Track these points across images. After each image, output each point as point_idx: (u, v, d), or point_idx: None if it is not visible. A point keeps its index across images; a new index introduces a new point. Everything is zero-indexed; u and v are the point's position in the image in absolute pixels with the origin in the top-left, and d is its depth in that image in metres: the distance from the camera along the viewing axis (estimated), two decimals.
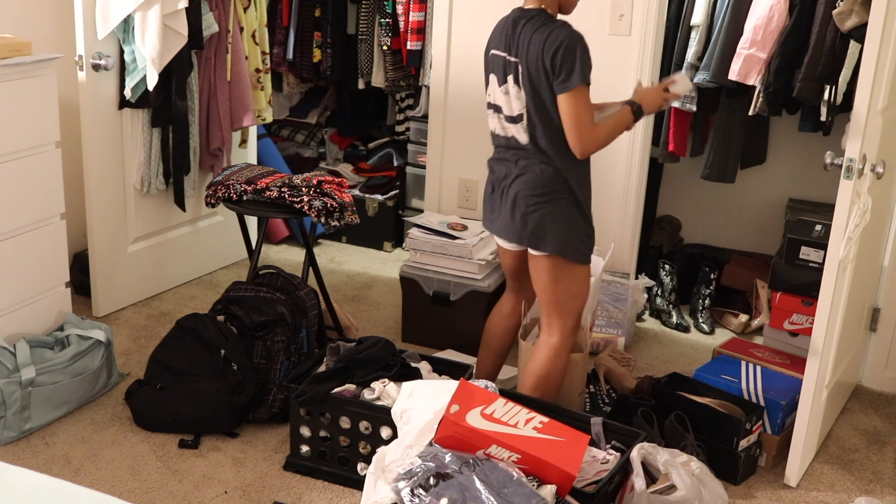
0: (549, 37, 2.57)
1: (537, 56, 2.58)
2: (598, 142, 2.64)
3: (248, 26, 4.02)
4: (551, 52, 2.55)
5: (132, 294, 3.88)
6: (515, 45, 2.66)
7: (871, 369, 3.53)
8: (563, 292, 2.77)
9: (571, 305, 2.80)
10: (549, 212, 2.69)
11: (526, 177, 2.71)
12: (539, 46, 2.58)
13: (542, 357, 2.83)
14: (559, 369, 2.83)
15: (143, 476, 2.75)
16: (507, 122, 2.73)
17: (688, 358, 3.70)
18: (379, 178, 4.79)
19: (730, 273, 4.12)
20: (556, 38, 2.56)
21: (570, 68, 2.54)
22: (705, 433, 2.84)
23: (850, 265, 2.80)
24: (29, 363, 2.88)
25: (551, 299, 2.79)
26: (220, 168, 3.98)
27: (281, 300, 3.07)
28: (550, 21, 2.63)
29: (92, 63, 3.49)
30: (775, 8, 3.51)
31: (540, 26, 2.61)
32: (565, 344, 2.83)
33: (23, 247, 3.07)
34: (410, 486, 2.10)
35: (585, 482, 2.39)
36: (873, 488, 2.90)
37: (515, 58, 2.65)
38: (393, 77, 4.59)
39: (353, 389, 2.78)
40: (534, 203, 2.70)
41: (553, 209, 2.69)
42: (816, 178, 4.13)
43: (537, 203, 2.69)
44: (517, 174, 2.72)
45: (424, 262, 3.61)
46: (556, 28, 2.59)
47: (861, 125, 2.56)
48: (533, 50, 2.60)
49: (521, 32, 2.64)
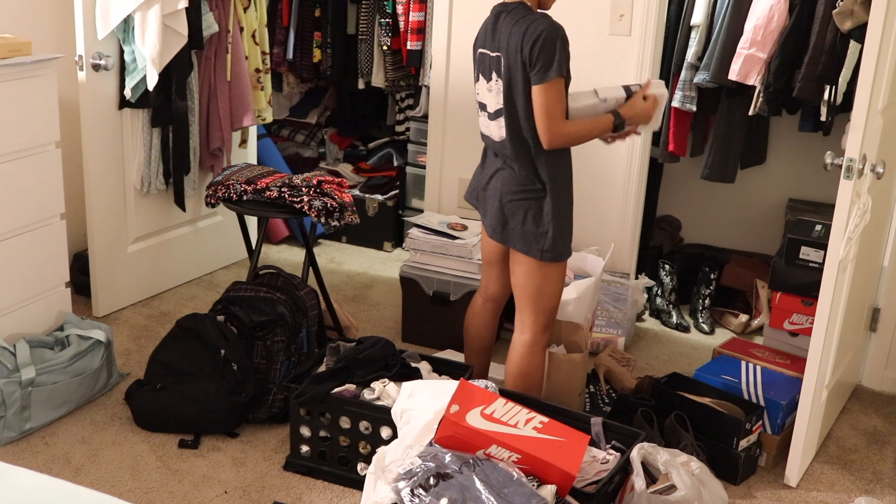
0: (529, 28, 2.56)
1: (516, 48, 2.58)
2: (567, 138, 2.63)
3: (248, 26, 4.02)
4: (530, 43, 2.54)
5: (132, 294, 3.88)
6: (496, 40, 2.66)
7: (871, 369, 3.53)
8: (534, 289, 2.78)
9: (544, 302, 2.80)
10: (523, 211, 2.70)
11: (504, 173, 2.73)
12: (518, 38, 2.57)
13: (515, 356, 2.85)
14: (535, 365, 2.84)
15: (143, 476, 2.75)
16: (490, 119, 2.74)
17: (688, 358, 3.70)
18: (379, 178, 4.79)
19: (730, 273, 4.12)
20: (536, 29, 2.55)
21: (548, 60, 2.53)
22: (705, 433, 2.84)
23: (850, 265, 2.80)
24: (29, 363, 2.88)
25: (524, 294, 2.80)
26: (220, 168, 3.98)
27: (281, 300, 3.07)
28: (530, 13, 2.62)
29: (92, 63, 3.49)
30: (775, 8, 3.51)
31: (520, 19, 2.60)
32: (537, 341, 2.83)
33: (23, 247, 3.07)
34: (410, 486, 2.10)
35: (585, 482, 2.39)
36: (873, 488, 2.90)
37: (497, 52, 2.65)
38: (393, 77, 4.59)
39: (353, 389, 2.78)
40: (509, 201, 2.72)
41: (526, 208, 2.70)
42: (816, 178, 4.13)
43: (512, 202, 2.71)
44: (497, 169, 2.75)
45: (424, 262, 3.61)
46: (536, 20, 2.58)
47: (861, 125, 2.56)
48: (512, 42, 2.59)
49: (502, 26, 2.64)
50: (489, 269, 3.00)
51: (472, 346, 3.10)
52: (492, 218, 2.78)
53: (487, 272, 3.01)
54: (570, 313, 3.24)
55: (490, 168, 2.80)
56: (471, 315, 3.09)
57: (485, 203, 2.83)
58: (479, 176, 2.87)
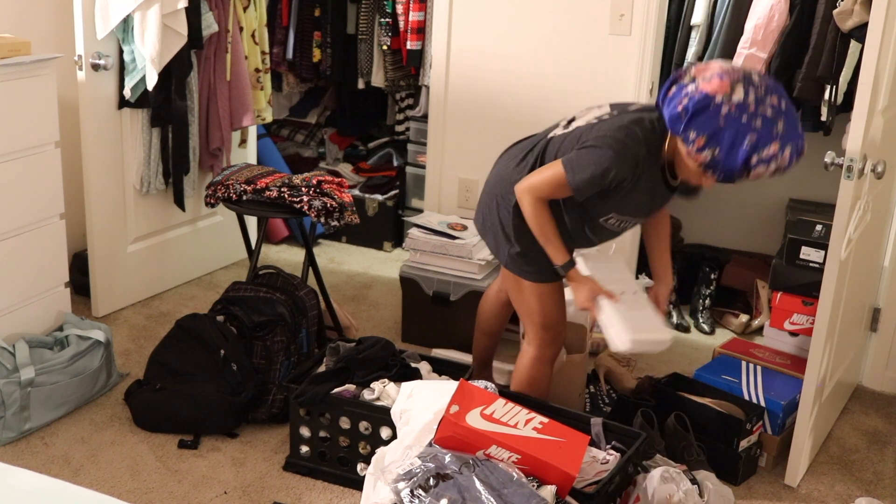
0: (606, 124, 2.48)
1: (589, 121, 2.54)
2: (527, 208, 2.52)
3: (247, 26, 4.02)
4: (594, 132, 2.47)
5: (132, 294, 3.88)
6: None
7: (872, 369, 3.53)
8: (527, 307, 2.75)
9: (540, 319, 2.73)
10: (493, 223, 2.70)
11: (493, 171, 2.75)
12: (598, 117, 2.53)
13: (521, 365, 2.83)
14: (540, 378, 2.81)
15: (142, 476, 2.75)
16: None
17: (688, 358, 3.70)
18: (379, 177, 4.79)
19: (730, 273, 4.12)
20: (605, 131, 2.45)
21: (586, 161, 2.43)
22: (706, 433, 2.84)
23: (850, 265, 2.80)
24: (28, 363, 2.88)
25: (519, 309, 2.80)
26: (219, 168, 3.98)
27: (281, 300, 3.07)
28: (625, 114, 2.50)
29: (91, 63, 3.48)
30: (776, 7, 3.51)
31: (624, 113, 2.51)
32: (541, 356, 2.78)
33: (22, 247, 3.07)
34: (410, 487, 2.10)
35: (585, 482, 2.39)
36: (874, 489, 2.90)
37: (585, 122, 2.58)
38: (393, 77, 4.59)
39: (353, 390, 2.78)
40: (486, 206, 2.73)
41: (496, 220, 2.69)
42: (817, 178, 4.12)
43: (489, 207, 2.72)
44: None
45: (424, 262, 3.60)
46: (621, 127, 2.45)
47: (861, 125, 2.56)
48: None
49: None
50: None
51: (482, 326, 3.13)
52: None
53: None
54: (571, 313, 3.23)
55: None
56: (485, 300, 3.12)
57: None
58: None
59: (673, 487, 2.43)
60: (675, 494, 2.42)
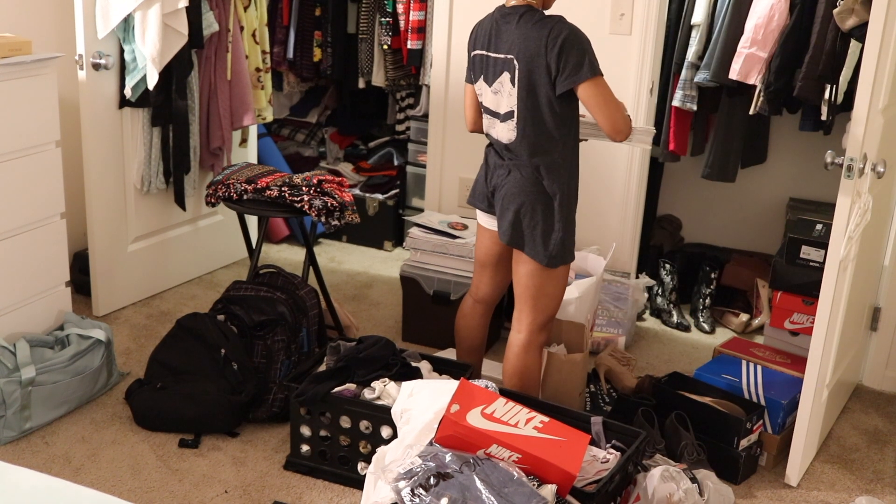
0: (552, 31, 2.56)
1: (537, 51, 2.57)
2: (627, 122, 2.64)
3: (248, 25, 4.02)
4: (557, 46, 2.54)
5: (132, 293, 3.88)
6: (505, 42, 2.65)
7: (872, 369, 3.53)
8: (536, 290, 2.78)
9: (544, 303, 2.81)
10: (532, 214, 2.69)
11: (512, 176, 2.71)
12: (540, 43, 2.56)
13: (511, 355, 2.85)
14: (531, 364, 2.84)
15: (143, 475, 2.75)
16: (501, 121, 2.72)
17: (688, 357, 3.70)
18: (379, 177, 4.79)
19: (730, 272, 4.12)
20: (560, 32, 2.55)
21: (587, 59, 2.55)
22: (706, 433, 2.84)
23: (850, 264, 2.80)
24: (29, 362, 2.88)
25: (525, 293, 2.80)
26: (220, 167, 3.98)
27: (281, 299, 3.07)
28: (546, 17, 2.62)
29: (92, 62, 3.49)
30: (776, 7, 3.51)
31: (536, 21, 2.60)
32: (532, 341, 2.83)
33: (23, 246, 3.07)
34: (411, 486, 2.10)
35: (586, 482, 2.39)
36: (874, 488, 2.90)
37: (508, 55, 2.64)
38: (393, 76, 4.59)
39: (354, 389, 2.78)
40: (522, 204, 2.70)
41: (537, 211, 2.69)
42: (817, 178, 4.12)
43: (525, 204, 2.70)
44: (507, 172, 2.73)
45: (425, 261, 3.61)
46: (557, 23, 2.58)
47: (862, 124, 2.56)
48: (531, 45, 2.58)
49: (513, 29, 2.63)
50: (482, 271, 2.99)
51: (463, 345, 3.10)
52: (505, 222, 2.74)
53: (480, 274, 3.00)
54: (571, 313, 3.24)
55: (498, 170, 2.76)
56: (461, 316, 3.08)
57: (497, 206, 2.78)
58: (486, 178, 2.83)
59: (673, 486, 2.43)
60: (675, 493, 2.42)
